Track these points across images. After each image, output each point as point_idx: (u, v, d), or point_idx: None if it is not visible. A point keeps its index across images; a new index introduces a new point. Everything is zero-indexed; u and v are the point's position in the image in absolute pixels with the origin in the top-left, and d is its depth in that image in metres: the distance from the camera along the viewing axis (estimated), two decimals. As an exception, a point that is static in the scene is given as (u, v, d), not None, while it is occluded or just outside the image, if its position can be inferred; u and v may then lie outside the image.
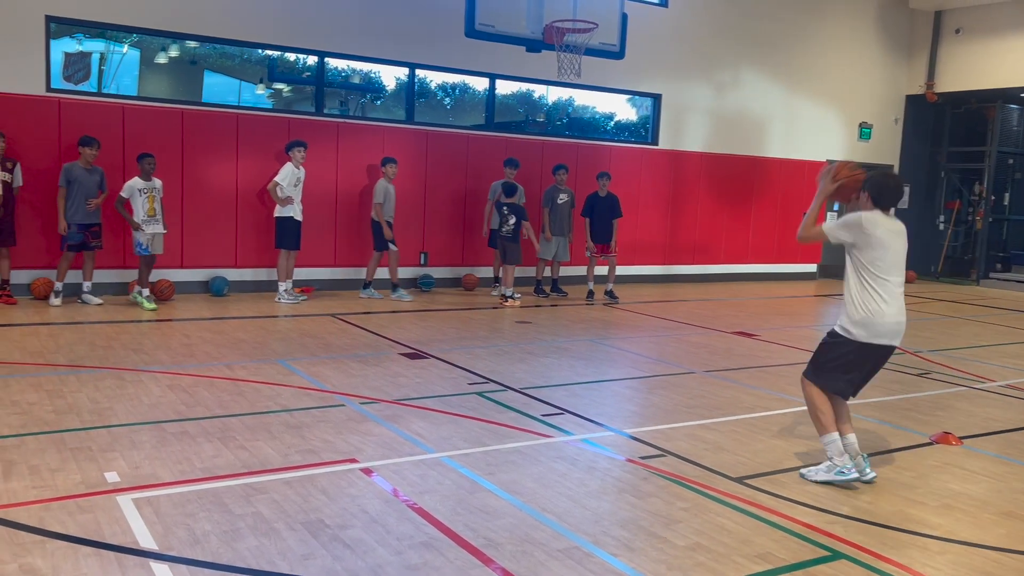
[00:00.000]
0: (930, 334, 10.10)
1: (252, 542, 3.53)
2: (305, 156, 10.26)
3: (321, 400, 5.81)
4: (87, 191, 9.00)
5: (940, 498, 4.46)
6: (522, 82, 13.27)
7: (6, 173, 8.85)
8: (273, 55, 11.70)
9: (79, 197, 8.95)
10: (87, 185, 9.00)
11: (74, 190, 8.92)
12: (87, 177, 8.99)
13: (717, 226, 14.83)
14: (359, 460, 4.59)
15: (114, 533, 3.54)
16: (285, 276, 10.16)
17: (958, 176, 17.53)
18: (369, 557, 3.45)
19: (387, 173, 10.75)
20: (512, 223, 10.80)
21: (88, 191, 9.00)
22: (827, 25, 15.71)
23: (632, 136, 14.55)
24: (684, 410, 6.01)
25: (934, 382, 7.35)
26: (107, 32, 10.48)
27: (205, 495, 4.00)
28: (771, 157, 15.34)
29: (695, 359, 7.93)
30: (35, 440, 4.68)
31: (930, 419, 6.06)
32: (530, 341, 8.44)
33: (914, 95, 16.86)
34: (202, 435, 4.90)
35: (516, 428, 5.34)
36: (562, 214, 11.63)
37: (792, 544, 3.76)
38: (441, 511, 3.94)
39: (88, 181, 9.01)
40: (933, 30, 16.53)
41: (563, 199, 11.63)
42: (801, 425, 5.74)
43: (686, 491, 4.36)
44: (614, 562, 3.51)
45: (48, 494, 3.92)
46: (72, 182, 8.90)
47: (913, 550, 3.78)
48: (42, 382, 5.92)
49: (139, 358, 6.83)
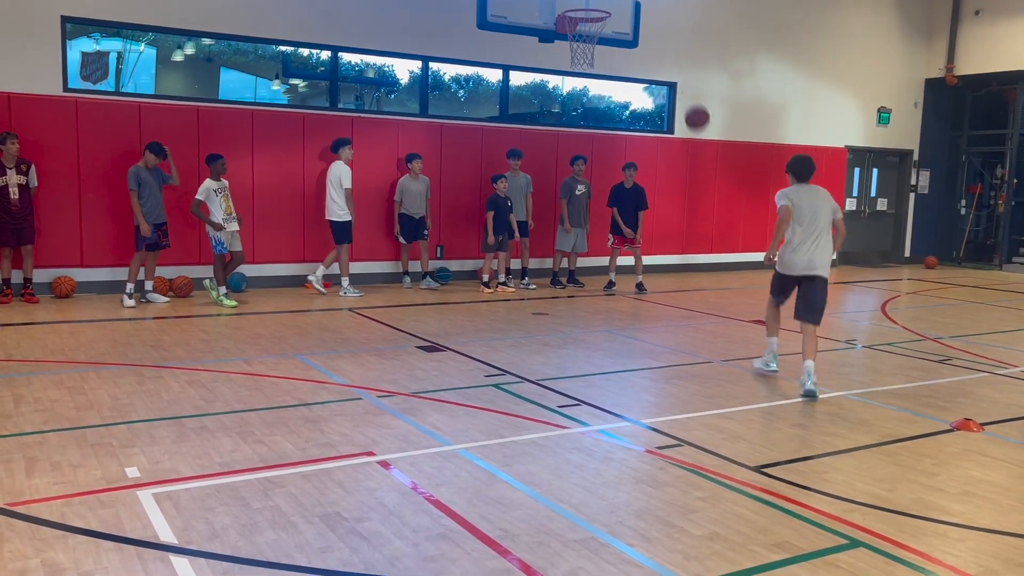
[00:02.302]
0: (951, 320, 9.99)
1: (270, 535, 3.56)
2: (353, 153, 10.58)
3: (338, 394, 5.84)
4: (154, 190, 9.18)
5: (961, 485, 4.42)
6: (536, 73, 13.24)
7: (21, 176, 8.97)
8: (287, 51, 11.74)
9: (150, 198, 9.12)
10: (153, 184, 9.18)
11: (144, 191, 9.08)
12: (151, 177, 9.16)
13: (734, 215, 14.73)
14: (376, 453, 4.62)
15: (135, 528, 3.58)
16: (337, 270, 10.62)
17: (979, 160, 17.29)
18: (386, 549, 3.47)
19: (412, 169, 10.99)
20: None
21: (155, 190, 9.19)
22: (844, 9, 15.53)
23: (648, 125, 14.47)
24: (701, 399, 5.99)
25: (955, 368, 7.28)
26: (123, 31, 10.56)
27: (224, 489, 4.04)
28: (789, 144, 15.18)
29: (713, 348, 7.89)
30: (57, 436, 4.74)
31: (951, 405, 6.00)
32: (547, 332, 8.44)
33: (933, 78, 16.64)
34: (221, 430, 4.94)
35: (533, 419, 5.35)
36: (580, 205, 11.61)
37: (810, 533, 3.74)
38: (458, 503, 3.95)
39: (153, 180, 9.18)
40: (952, 12, 16.28)
41: (581, 190, 11.60)
42: (819, 414, 5.70)
43: (703, 480, 4.35)
44: (631, 552, 3.51)
45: (70, 490, 3.97)
46: (142, 184, 9.06)
47: (933, 537, 3.75)
48: (63, 379, 6.00)
49: (158, 354, 6.90)
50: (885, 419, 5.62)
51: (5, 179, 8.84)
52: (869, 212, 16.85)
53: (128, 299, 9.10)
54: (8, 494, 3.89)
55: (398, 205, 11.03)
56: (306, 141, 10.94)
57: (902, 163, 17.05)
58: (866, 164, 16.66)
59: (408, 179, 11.04)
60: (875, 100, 16.23)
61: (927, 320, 9.97)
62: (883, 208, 17.05)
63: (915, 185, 17.05)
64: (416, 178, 11.05)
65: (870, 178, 16.81)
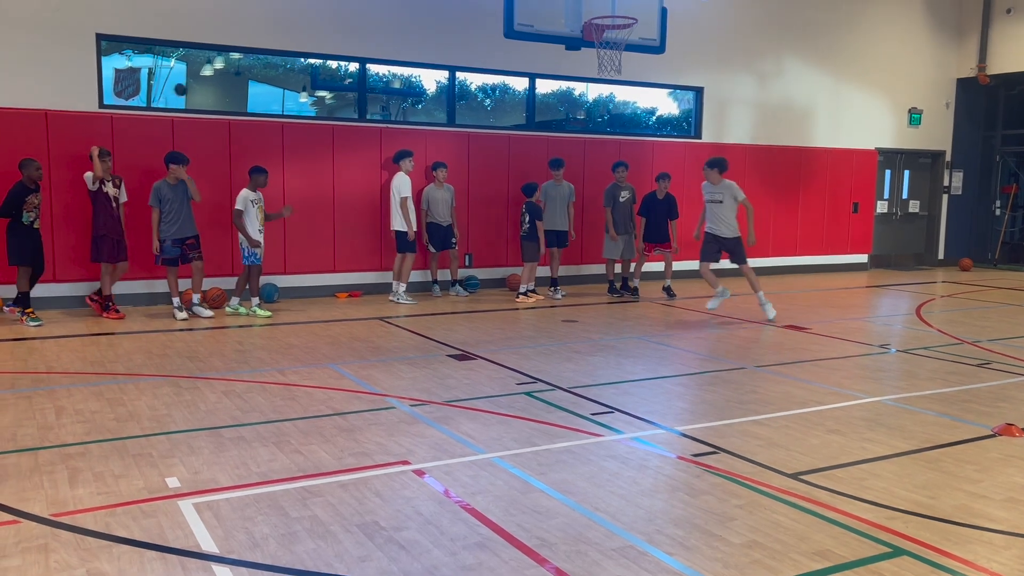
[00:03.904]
0: (989, 323, 9.83)
1: (309, 545, 3.58)
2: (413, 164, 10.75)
3: (372, 403, 5.88)
4: (178, 205, 9.20)
5: (1004, 491, 4.34)
6: (562, 80, 13.25)
7: (116, 190, 9.18)
8: (315, 63, 11.86)
9: (171, 213, 9.16)
10: (177, 199, 9.19)
11: (167, 207, 9.15)
12: (174, 192, 9.18)
13: (764, 218, 14.60)
14: (411, 462, 4.64)
15: (177, 537, 3.63)
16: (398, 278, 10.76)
17: (1014, 160, 17.01)
18: (424, 558, 3.48)
19: (436, 177, 11.10)
20: (527, 222, 11.06)
21: (179, 205, 9.21)
22: (872, 8, 15.38)
23: (674, 130, 14.42)
24: (736, 406, 5.94)
25: (994, 372, 7.15)
26: (154, 47, 10.73)
27: (262, 499, 4.08)
28: (818, 147, 15.07)
29: (745, 354, 7.83)
30: (99, 447, 4.82)
31: (992, 410, 5.90)
32: (577, 340, 8.43)
33: (965, 78, 16.41)
34: (258, 440, 4.99)
35: (566, 427, 5.34)
36: (625, 212, 11.49)
37: (851, 541, 3.70)
38: (494, 511, 3.96)
39: (176, 195, 9.19)
40: (983, 10, 16.06)
41: (625, 196, 11.46)
42: (856, 420, 5.63)
43: (740, 488, 4.32)
44: (670, 561, 3.49)
45: (113, 500, 4.03)
46: (164, 200, 9.13)
47: (977, 545, 3.69)
48: (103, 391, 6.10)
49: (194, 365, 6.98)
50: (924, 424, 5.54)
51: (106, 190, 9.03)
52: (901, 214, 16.64)
53: (180, 312, 9.21)
54: (53, 504, 3.96)
55: (425, 214, 11.10)
56: (335, 152, 11.04)
57: (934, 164, 16.82)
58: (897, 166, 16.46)
59: (433, 187, 11.12)
60: (906, 101, 16.05)
61: (963, 323, 9.82)
62: (915, 210, 16.82)
63: (948, 186, 16.82)
64: (441, 186, 11.13)
65: (902, 180, 16.60)
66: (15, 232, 8.67)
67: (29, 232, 8.71)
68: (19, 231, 8.67)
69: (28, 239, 8.72)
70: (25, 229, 8.68)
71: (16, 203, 8.58)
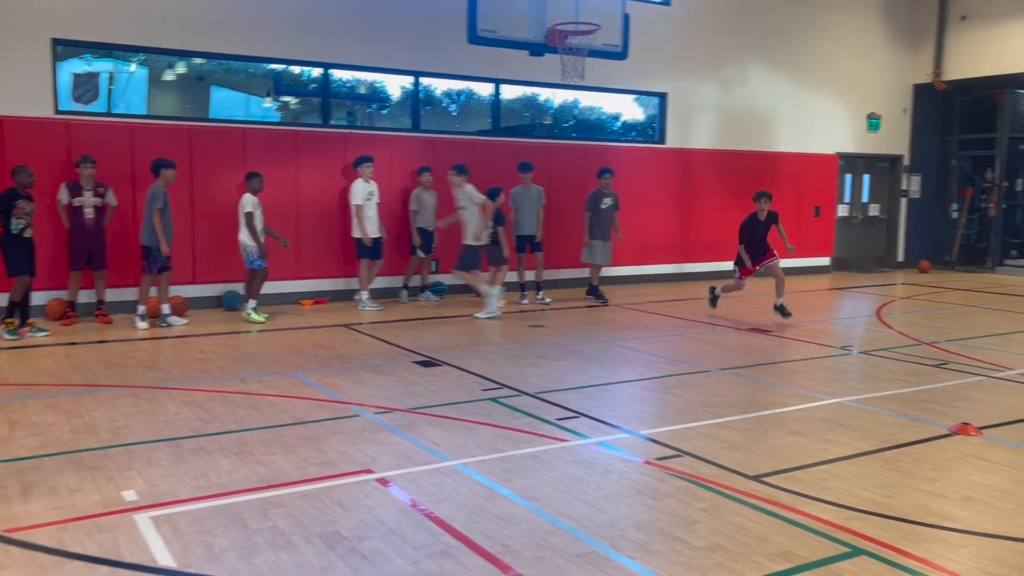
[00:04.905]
0: (946, 324, 10.02)
1: (270, 556, 3.53)
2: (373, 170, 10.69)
3: (336, 411, 5.82)
4: (169, 212, 9.12)
5: (961, 490, 4.41)
6: (527, 86, 13.28)
7: (98, 198, 9.11)
8: (279, 69, 11.76)
9: (166, 220, 9.06)
10: (168, 206, 9.10)
11: (166, 212, 9.04)
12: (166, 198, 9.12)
13: (728, 223, 14.68)
14: (375, 470, 4.60)
15: (132, 552, 3.55)
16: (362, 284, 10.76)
17: (970, 164, 17.37)
18: (387, 568, 3.44)
19: (422, 181, 11.12)
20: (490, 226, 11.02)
21: (169, 212, 9.13)
22: (832, 16, 15.63)
23: (639, 136, 14.52)
24: (700, 409, 5.98)
25: (951, 372, 7.28)
26: (115, 52, 10.56)
27: (222, 511, 4.01)
28: (780, 152, 15.26)
29: (710, 357, 7.89)
30: (53, 461, 4.71)
31: (948, 410, 6.00)
32: (543, 345, 8.43)
33: (922, 84, 16.74)
34: (218, 450, 4.92)
35: (531, 433, 5.33)
36: (605, 218, 11.37)
37: (812, 541, 3.73)
38: (458, 519, 3.93)
39: (168, 202, 9.11)
40: (939, 17, 16.40)
41: (607, 203, 11.37)
42: (818, 421, 5.70)
43: (703, 491, 4.34)
44: (633, 565, 3.49)
45: (67, 515, 3.94)
46: (165, 205, 9.02)
47: (935, 544, 3.75)
48: (59, 402, 5.97)
49: (154, 375, 6.87)
50: (884, 425, 5.62)
51: (82, 200, 9.04)
52: (862, 218, 16.90)
53: (141, 321, 9.04)
54: (4, 520, 3.86)
55: (414, 216, 11.07)
56: (299, 158, 10.95)
57: (893, 168, 17.13)
58: (857, 170, 16.73)
59: (421, 191, 11.15)
60: (865, 106, 16.32)
61: (922, 324, 9.99)
62: (875, 214, 17.10)
63: (906, 190, 17.12)
64: (427, 190, 11.14)
65: (862, 184, 16.87)
66: (7, 242, 8.40)
67: (20, 241, 8.42)
68: (7, 240, 8.38)
69: (20, 248, 8.43)
70: (14, 238, 8.38)
71: (2, 208, 8.32)
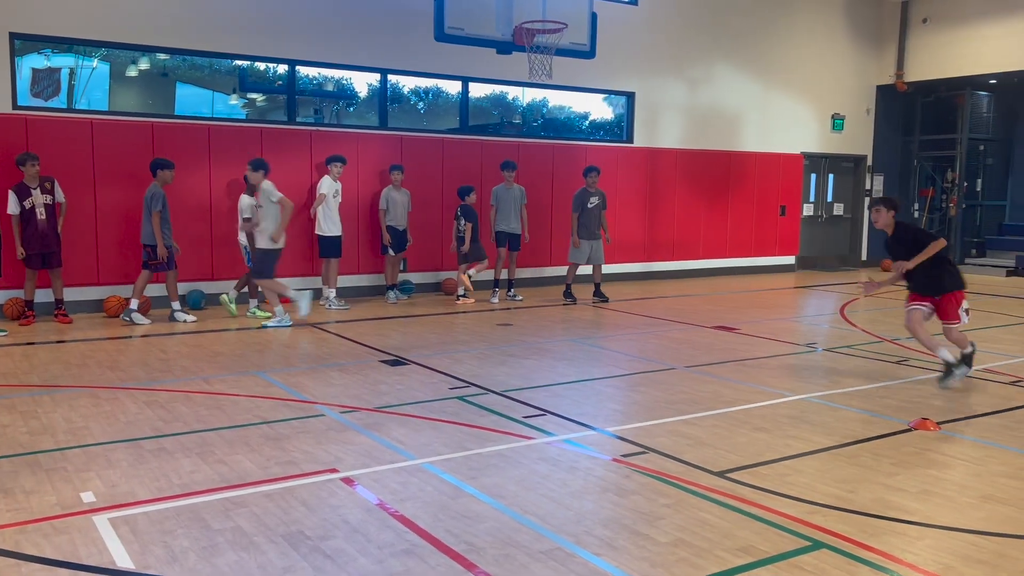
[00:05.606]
0: (908, 321, 10.17)
1: (231, 557, 3.49)
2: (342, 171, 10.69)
3: (300, 411, 5.77)
4: (168, 211, 9.21)
5: (919, 484, 4.49)
6: (495, 84, 13.27)
7: (46, 195, 8.91)
8: (244, 65, 11.63)
9: (166, 220, 9.13)
10: (167, 205, 9.18)
11: (165, 213, 9.08)
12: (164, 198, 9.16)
13: (695, 221, 14.88)
14: (340, 470, 4.56)
15: (90, 554, 3.49)
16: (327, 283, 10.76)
17: (930, 164, 17.70)
18: (350, 567, 3.42)
19: (393, 180, 11.11)
20: (461, 225, 11.17)
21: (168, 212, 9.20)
22: (797, 18, 15.82)
23: (608, 135, 14.58)
24: (665, 406, 6.02)
25: (911, 368, 7.41)
26: (75, 47, 10.38)
27: (183, 511, 3.96)
28: (746, 151, 15.42)
29: (676, 355, 7.94)
30: (9, 463, 4.61)
31: (908, 406, 6.10)
32: (511, 343, 8.43)
33: (884, 85, 17.01)
34: (180, 451, 4.85)
35: (498, 431, 5.33)
36: (593, 217, 11.31)
37: (773, 536, 3.77)
38: (423, 518, 3.92)
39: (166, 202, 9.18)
40: (901, 20, 16.68)
41: (594, 202, 11.30)
42: (782, 417, 5.76)
43: (668, 487, 4.37)
44: (597, 561, 3.51)
45: (23, 517, 3.86)
46: (164, 206, 9.06)
47: (893, 537, 3.81)
48: (16, 403, 5.85)
49: (115, 375, 6.76)
50: (845, 421, 5.70)
51: (31, 200, 8.81)
52: (826, 217, 17.14)
53: (139, 316, 9.12)
54: (-43, 524, 3.78)
55: (383, 214, 11.02)
56: (264, 155, 10.80)
57: (857, 168, 17.38)
58: (822, 170, 16.96)
59: (391, 189, 11.09)
60: (829, 107, 16.55)
61: (884, 322, 10.15)
62: (839, 213, 17.35)
63: (870, 190, 17.39)
64: (399, 189, 11.11)
65: (826, 184, 17.10)
66: None
67: None
68: None
69: None
70: None
71: None
